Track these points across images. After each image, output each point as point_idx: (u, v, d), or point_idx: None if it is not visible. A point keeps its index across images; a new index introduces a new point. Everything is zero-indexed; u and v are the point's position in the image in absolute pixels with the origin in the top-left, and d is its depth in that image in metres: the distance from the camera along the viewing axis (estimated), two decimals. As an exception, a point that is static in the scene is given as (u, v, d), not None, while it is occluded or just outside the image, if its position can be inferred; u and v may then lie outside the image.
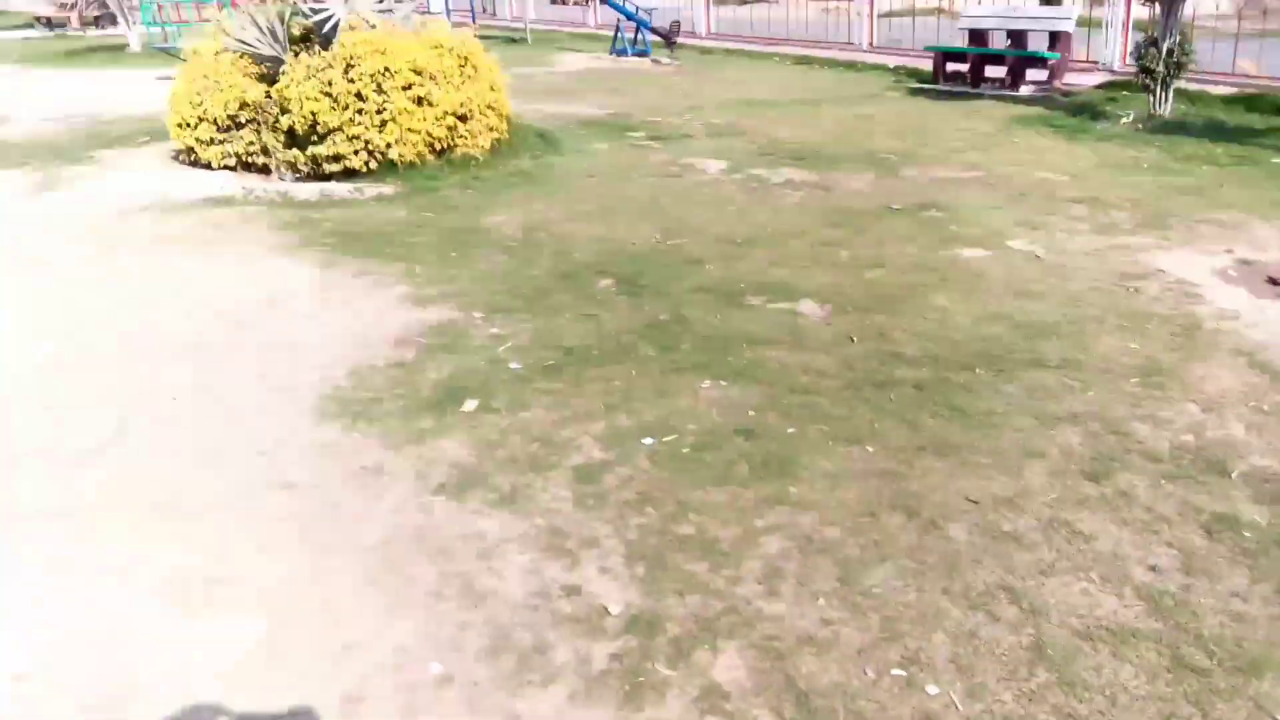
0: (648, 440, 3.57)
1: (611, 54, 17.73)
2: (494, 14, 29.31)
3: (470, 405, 3.88)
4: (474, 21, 23.46)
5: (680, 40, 17.79)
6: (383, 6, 8.84)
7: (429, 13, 24.08)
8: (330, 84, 7.64)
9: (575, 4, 31.53)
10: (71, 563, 2.92)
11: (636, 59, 17.09)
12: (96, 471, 3.44)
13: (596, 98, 12.50)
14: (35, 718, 2.34)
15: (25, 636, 2.60)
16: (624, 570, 2.82)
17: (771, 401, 3.85)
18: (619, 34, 17.86)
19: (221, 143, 8.12)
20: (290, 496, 3.25)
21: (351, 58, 7.71)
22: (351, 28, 8.08)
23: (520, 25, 22.97)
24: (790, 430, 3.62)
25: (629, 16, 17.85)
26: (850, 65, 15.10)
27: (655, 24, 17.71)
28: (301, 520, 3.12)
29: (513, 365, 4.26)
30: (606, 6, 19.69)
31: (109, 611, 2.69)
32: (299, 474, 3.38)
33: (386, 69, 7.70)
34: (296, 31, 8.47)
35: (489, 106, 8.47)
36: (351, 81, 7.65)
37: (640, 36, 17.58)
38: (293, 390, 4.05)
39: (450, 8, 24.82)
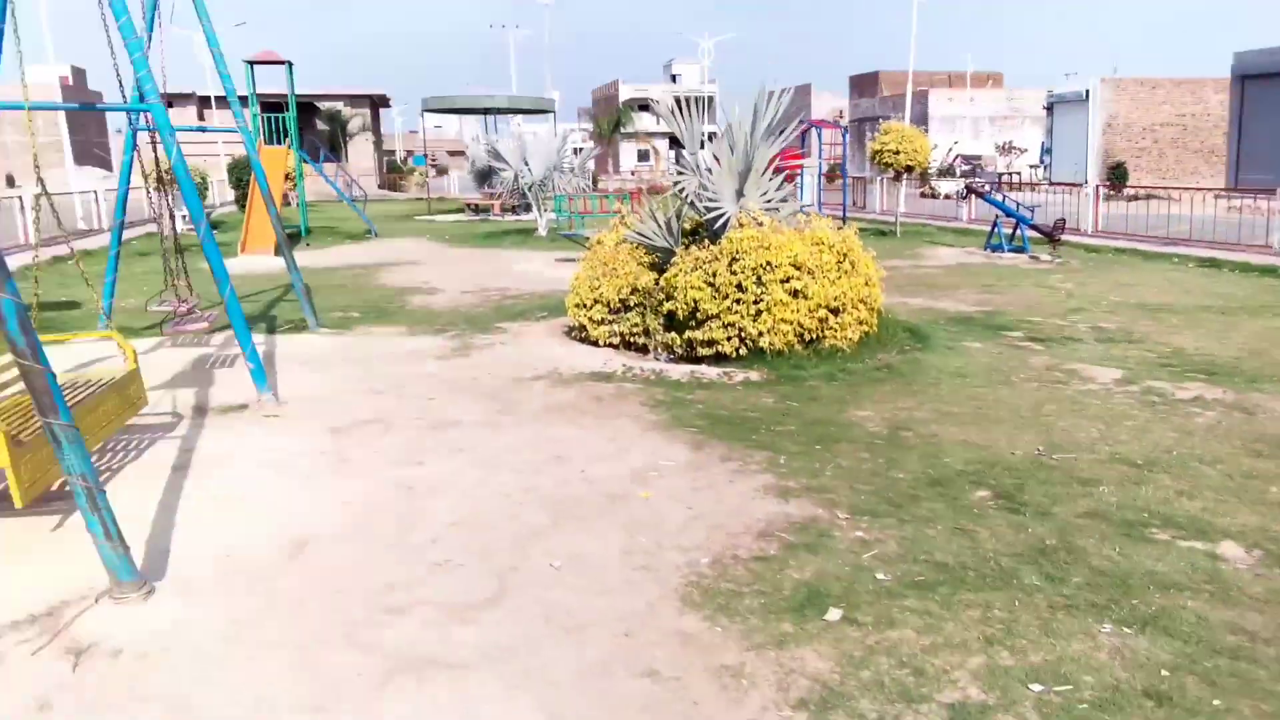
0: (1036, 687, 3.15)
1: (986, 249, 17.37)
2: (864, 206, 30.13)
3: (834, 615, 3.68)
4: (844, 217, 24.20)
5: (1064, 237, 17.06)
6: (770, 205, 9.32)
7: (805, 207, 25.32)
8: (714, 275, 8.10)
9: (946, 197, 31.65)
10: (443, 712, 3.06)
11: (1014, 255, 16.60)
12: (475, 629, 3.65)
13: (969, 294, 12.19)
14: None
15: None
16: (1009, 847, 2.44)
17: (1190, 662, 3.28)
18: (995, 229, 17.52)
19: (610, 323, 8.84)
20: (651, 684, 3.22)
21: (737, 252, 8.13)
22: (740, 224, 8.57)
23: (890, 218, 23.33)
24: (1216, 703, 3.04)
25: (1008, 213, 17.50)
26: (1269, 270, 13.56)
27: (1036, 220, 17.18)
28: (657, 713, 3.06)
29: (879, 575, 4.02)
30: (983, 201, 19.47)
31: (475, 777, 2.76)
32: (660, 662, 3.36)
33: (768, 263, 8.02)
34: (688, 226, 9.17)
35: (861, 300, 8.51)
36: (734, 273, 8.05)
37: (1019, 232, 17.12)
38: (657, 571, 4.10)
39: (822, 200, 25.90)
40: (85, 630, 3.60)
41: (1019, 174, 46.12)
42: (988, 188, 21.87)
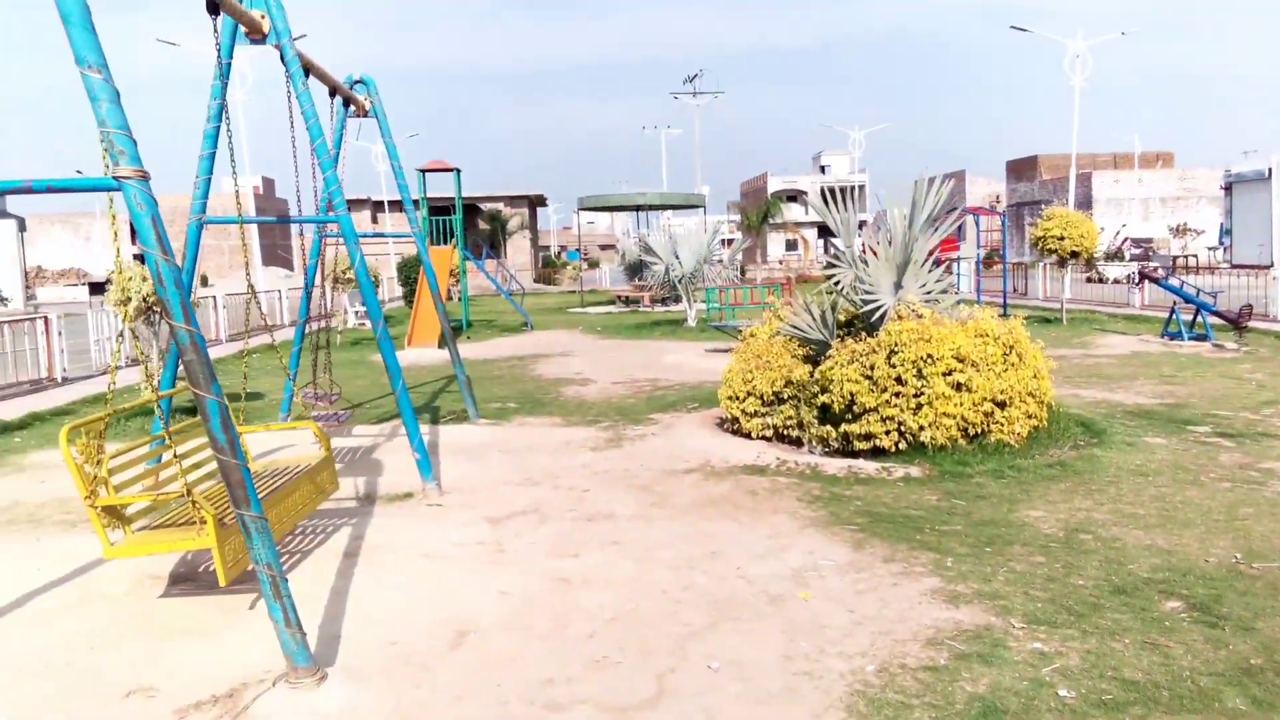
0: (1251, 830, 2.83)
1: (1163, 337, 16.41)
2: (1025, 293, 29.11)
3: (1013, 733, 3.44)
4: (1005, 305, 23.41)
5: (1250, 324, 15.95)
6: (930, 296, 9.11)
7: (963, 298, 24.69)
8: (872, 368, 7.94)
9: (1115, 282, 30.20)
10: (607, 824, 3.00)
11: (1194, 343, 15.59)
12: (635, 730, 3.59)
13: (1146, 385, 11.50)
14: None
15: None
16: None
17: None
18: (1173, 315, 16.54)
19: (763, 415, 8.76)
20: (815, 803, 3.07)
21: (896, 344, 7.96)
22: (899, 316, 8.40)
23: (1054, 305, 22.42)
24: None
25: (1186, 298, 16.54)
26: None
27: (1219, 306, 16.15)
28: (826, 835, 2.90)
29: (1061, 692, 3.74)
30: (1157, 287, 18.50)
31: None
32: (825, 778, 3.21)
33: (929, 355, 7.81)
34: (843, 318, 9.07)
35: (1029, 394, 8.14)
36: (893, 366, 7.87)
37: (1199, 319, 16.11)
38: (820, 679, 3.95)
39: (981, 287, 25.18)
40: (262, 712, 3.74)
41: (1195, 257, 43.67)
42: (1162, 272, 20.76)
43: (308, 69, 7.00)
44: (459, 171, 23.44)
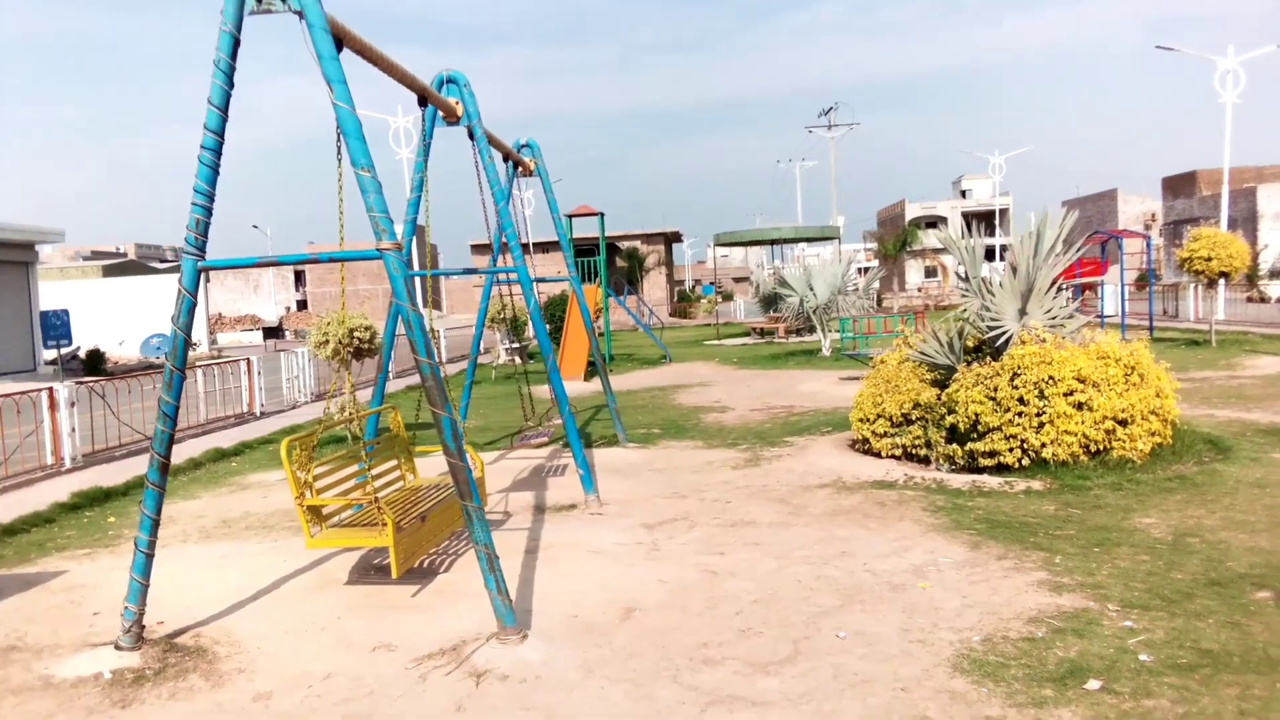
0: (1286, 753, 3.45)
1: (1314, 358, 16.05)
2: (1176, 315, 28.35)
3: (1094, 685, 4.11)
4: (1151, 327, 23.02)
5: None
6: (1054, 321, 9.59)
7: (1103, 317, 24.39)
8: (995, 390, 8.53)
9: (1257, 299, 29.00)
10: (754, 740, 3.86)
11: (1346, 364, 15.23)
12: (775, 680, 4.43)
13: (1286, 405, 11.52)
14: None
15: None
16: None
17: None
18: (1324, 337, 16.17)
19: (892, 436, 9.44)
20: (920, 728, 3.85)
21: (1019, 367, 8.53)
22: (1023, 341, 8.94)
23: (1205, 326, 21.94)
24: None
25: (1337, 318, 16.13)
26: None
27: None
28: (927, 748, 3.68)
29: (1142, 657, 4.38)
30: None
31: (777, 779, 3.52)
32: (931, 711, 3.97)
33: (1051, 378, 8.35)
34: (970, 344, 9.67)
35: (1152, 412, 8.53)
36: (1015, 388, 8.44)
37: (1352, 339, 15.70)
38: (931, 645, 4.70)
39: (1126, 310, 24.77)
40: (481, 660, 4.77)
41: (1368, 273, 41.09)
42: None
43: (490, 140, 8.24)
44: (602, 215, 24.86)
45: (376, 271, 67.86)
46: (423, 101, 7.55)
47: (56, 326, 24.15)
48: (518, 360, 25.36)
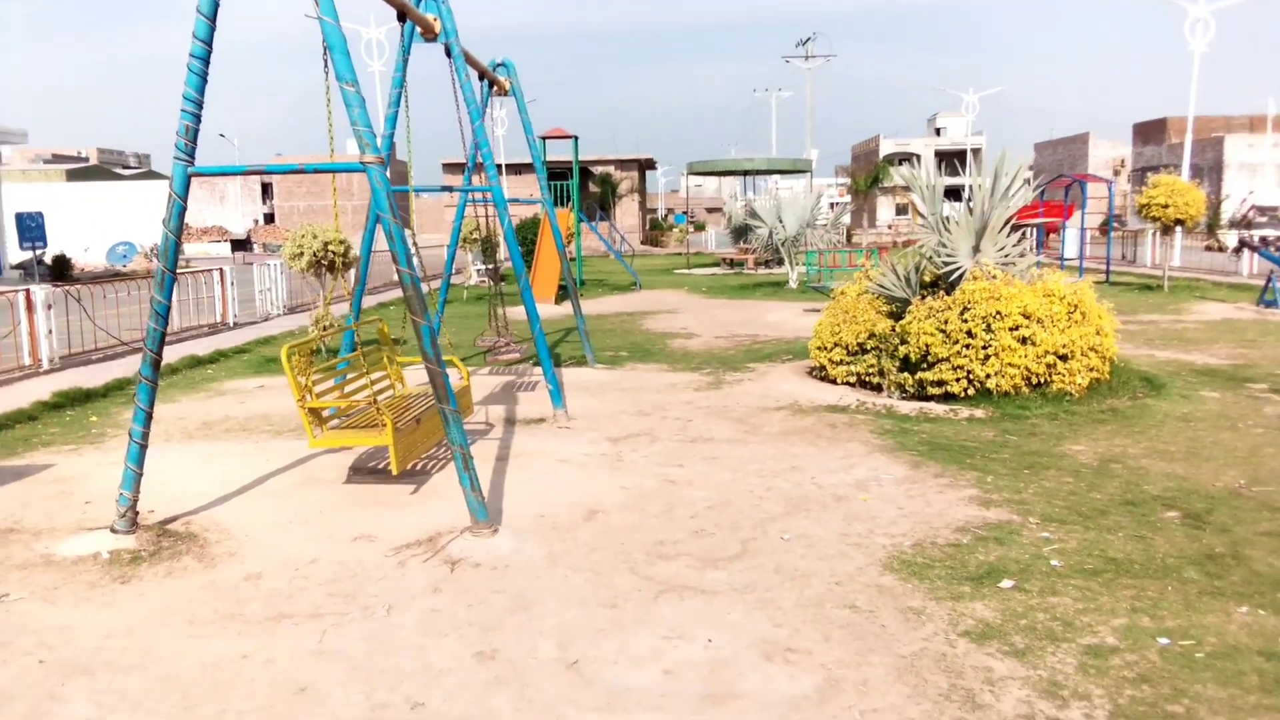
0: (1163, 640, 3.96)
1: (1259, 305, 16.70)
2: (1134, 261, 28.99)
3: (1007, 584, 4.60)
4: (1108, 271, 23.62)
5: (1348, 294, 16.11)
6: (1006, 259, 10.03)
7: (1064, 260, 24.95)
8: (946, 322, 8.98)
9: (1216, 249, 29.77)
10: (693, 617, 4.31)
11: (1287, 312, 15.88)
12: (724, 572, 4.88)
13: (1224, 348, 12.11)
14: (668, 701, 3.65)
15: (646, 659, 3.99)
16: (1105, 718, 3.34)
17: (1310, 636, 3.94)
18: (1270, 284, 16.80)
19: (848, 364, 9.89)
20: (851, 614, 4.32)
21: (968, 302, 8.97)
22: (975, 278, 9.37)
23: (1159, 273, 22.57)
24: (1320, 662, 3.72)
25: (1282, 267, 16.75)
26: None
27: (1316, 276, 16.33)
28: (856, 629, 4.16)
29: (1054, 562, 4.88)
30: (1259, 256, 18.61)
31: (711, 652, 3.98)
32: (861, 600, 4.45)
33: (998, 312, 8.80)
34: (927, 278, 10.08)
35: (1092, 348, 9.03)
36: (965, 321, 8.89)
37: (1295, 288, 16.33)
38: (866, 548, 5.17)
39: (1085, 254, 25.34)
40: (455, 549, 5.18)
41: (1326, 225, 42.02)
42: (1260, 240, 20.72)
43: (466, 59, 8.38)
44: (576, 139, 24.84)
45: (345, 186, 67.07)
46: (401, 17, 7.66)
47: (31, 229, 23.89)
48: (489, 281, 25.61)
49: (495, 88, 10.69)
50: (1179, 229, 22.33)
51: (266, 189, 76.55)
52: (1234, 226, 41.60)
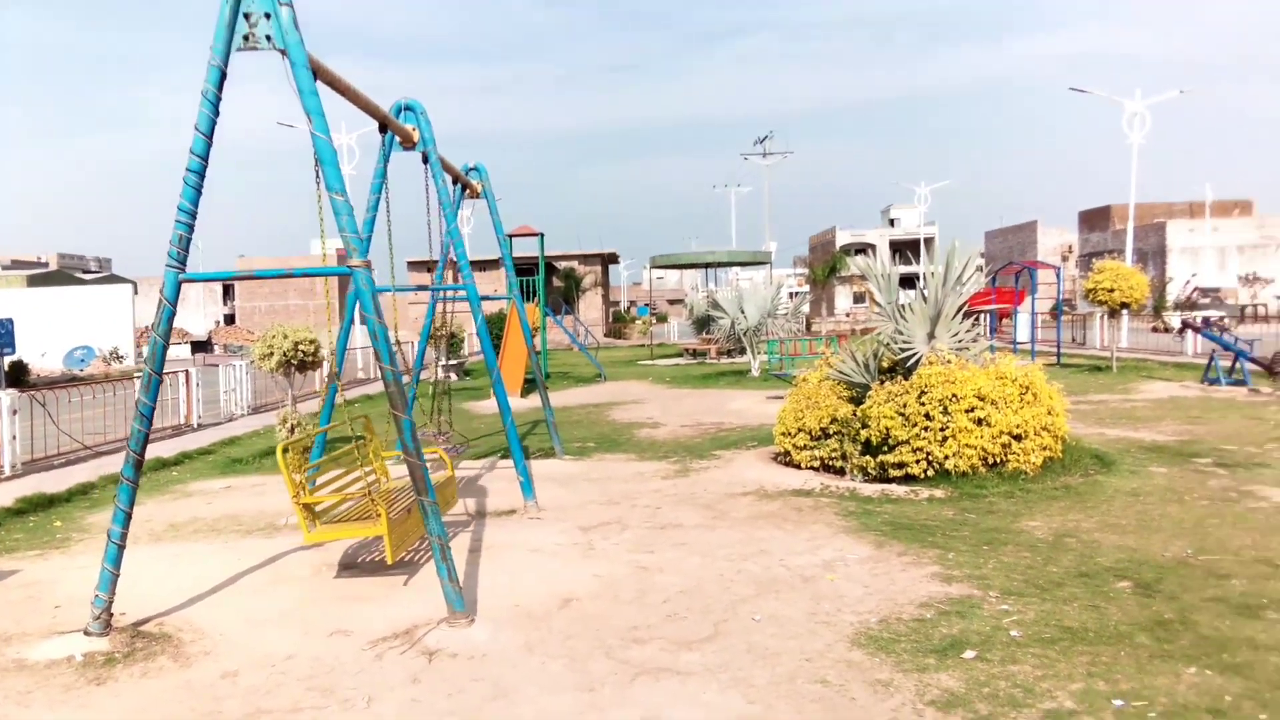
0: (1118, 702, 4.14)
1: (1203, 382, 17.30)
2: (1084, 343, 29.84)
3: (969, 654, 4.77)
4: (1059, 354, 24.32)
5: (1288, 371, 16.77)
6: (960, 344, 10.41)
7: (1016, 344, 25.66)
8: (905, 406, 9.29)
9: (1161, 330, 30.76)
10: (669, 697, 4.42)
11: (1231, 389, 16.48)
12: (697, 654, 5.00)
13: (1170, 425, 12.54)
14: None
15: (647, 733, 4.10)
16: (1064, 783, 3.49)
17: (1252, 693, 4.15)
18: (1213, 362, 17.44)
19: (811, 449, 10.13)
20: (822, 688, 4.46)
21: (925, 385, 9.31)
22: (931, 362, 9.73)
23: (1108, 354, 23.27)
24: (1262, 717, 3.91)
25: (1225, 346, 17.44)
26: None
27: (1256, 354, 17.00)
28: (828, 702, 4.29)
29: (1013, 633, 5.06)
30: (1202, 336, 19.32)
31: (695, 731, 4.09)
32: (831, 675, 4.59)
33: (953, 395, 9.13)
34: (885, 364, 10.43)
35: (1044, 428, 9.36)
36: (923, 404, 9.20)
37: (1238, 366, 16.99)
38: (834, 625, 5.33)
39: (1037, 337, 26.09)
40: (432, 641, 5.26)
41: (1264, 305, 43.64)
42: (1203, 321, 21.53)
43: (441, 164, 8.74)
44: (542, 236, 25.39)
45: (308, 287, 67.38)
46: (383, 128, 8.04)
47: (1, 335, 23.74)
48: (454, 376, 25.73)
49: (468, 190, 11.07)
50: (1125, 312, 23.18)
51: (228, 290, 76.67)
52: (1178, 308, 43.02)
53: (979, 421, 9.12)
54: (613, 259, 60.20)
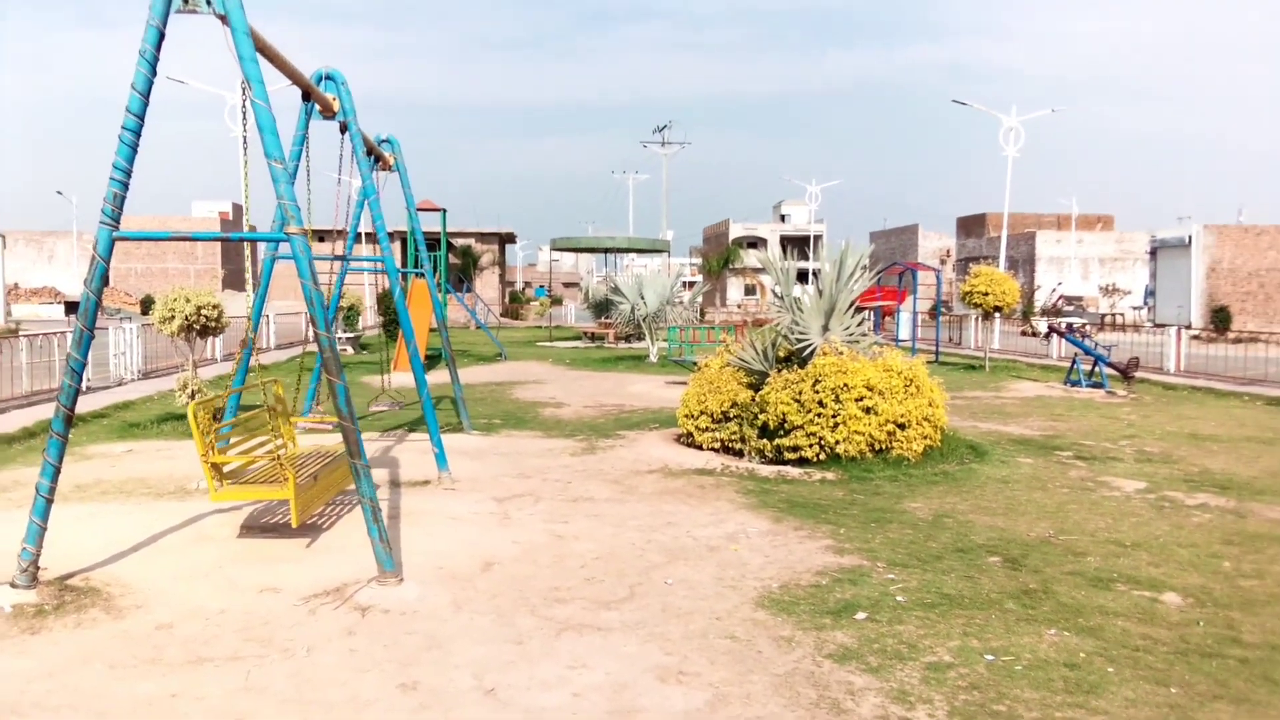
0: (989, 656, 4.74)
1: (1066, 384, 18.62)
2: (960, 343, 31.47)
3: (861, 616, 5.32)
4: (937, 352, 25.67)
5: (1142, 375, 18.24)
6: (851, 337, 11.10)
7: (898, 340, 26.95)
8: (800, 393, 9.89)
9: (1030, 333, 32.74)
10: (593, 649, 4.82)
11: (1090, 390, 17.81)
12: (616, 613, 5.41)
13: (1036, 421, 13.58)
14: None
15: (555, 684, 4.48)
16: (944, 716, 4.05)
17: (1103, 651, 4.81)
18: (1074, 365, 18.79)
19: (713, 431, 10.66)
20: (731, 643, 4.93)
21: (819, 375, 9.93)
22: (824, 353, 10.36)
23: (981, 354, 24.69)
24: (1110, 669, 4.56)
25: (1086, 350, 18.79)
26: (1327, 409, 14.50)
27: (1113, 358, 18.42)
28: (737, 654, 4.76)
29: (899, 598, 5.64)
30: (1065, 340, 20.75)
31: (612, 677, 4.50)
32: (739, 632, 5.07)
33: (845, 384, 9.77)
34: (782, 354, 11.03)
35: (925, 419, 10.11)
36: (816, 392, 9.82)
37: (1097, 369, 18.35)
38: (740, 589, 5.82)
39: (917, 335, 27.44)
40: (364, 598, 5.52)
41: (1121, 315, 46.71)
42: (1066, 327, 23.10)
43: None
44: (445, 212, 25.31)
45: (188, 250, 64.80)
46: (305, 96, 8.12)
47: None
48: (350, 349, 25.45)
49: (380, 163, 11.13)
50: (998, 315, 24.60)
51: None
52: (1045, 314, 45.62)
53: (868, 410, 9.79)
54: (510, 239, 59.99)
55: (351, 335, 25.88)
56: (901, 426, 9.88)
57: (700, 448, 10.71)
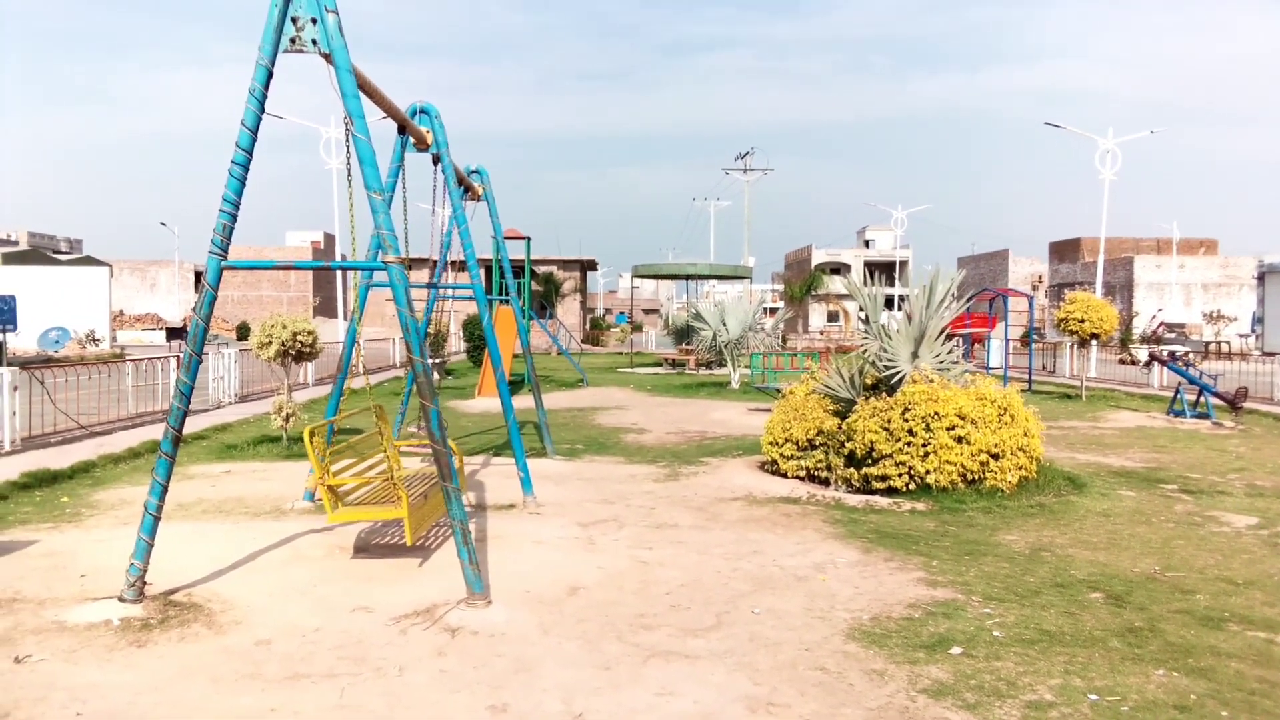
0: (1093, 696, 4.54)
1: (1169, 414, 17.91)
2: (1053, 370, 30.56)
3: (956, 650, 5.17)
4: (1030, 380, 24.97)
5: (1251, 406, 17.43)
6: (941, 365, 10.87)
7: (988, 368, 26.31)
8: (889, 421, 9.71)
9: (1132, 362, 31.58)
10: (681, 677, 4.77)
11: (1196, 421, 17.09)
12: (703, 640, 5.36)
13: (1138, 453, 13.07)
14: (669, 742, 4.09)
15: (644, 711, 4.44)
16: (1046, 760, 3.89)
17: (1215, 693, 4.57)
18: (1178, 395, 18.07)
19: (798, 459, 10.54)
20: (822, 674, 4.83)
21: (909, 403, 9.74)
22: (914, 381, 10.17)
23: (1077, 382, 23.92)
24: (1224, 713, 4.33)
25: (1190, 380, 18.05)
26: None
27: (1219, 388, 17.65)
28: (827, 687, 4.66)
29: (995, 633, 5.46)
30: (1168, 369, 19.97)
31: (701, 706, 4.44)
32: (829, 664, 4.96)
33: (936, 413, 9.57)
34: (869, 381, 10.86)
35: (1020, 449, 9.82)
36: (906, 421, 9.63)
37: (1202, 399, 17.61)
38: (829, 620, 5.70)
39: (1009, 363, 26.74)
40: (453, 619, 5.57)
41: (1227, 343, 44.80)
42: (1169, 355, 22.22)
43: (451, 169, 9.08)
44: (529, 240, 25.70)
45: (282, 279, 67.05)
46: (400, 130, 8.36)
47: (3, 312, 23.67)
48: (436, 376, 25.92)
49: (469, 192, 11.38)
50: (1094, 342, 23.84)
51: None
52: (1144, 341, 44.01)
53: (959, 439, 9.56)
54: (592, 266, 60.55)
55: (438, 361, 26.37)
56: (995, 457, 9.62)
57: (785, 475, 10.58)
